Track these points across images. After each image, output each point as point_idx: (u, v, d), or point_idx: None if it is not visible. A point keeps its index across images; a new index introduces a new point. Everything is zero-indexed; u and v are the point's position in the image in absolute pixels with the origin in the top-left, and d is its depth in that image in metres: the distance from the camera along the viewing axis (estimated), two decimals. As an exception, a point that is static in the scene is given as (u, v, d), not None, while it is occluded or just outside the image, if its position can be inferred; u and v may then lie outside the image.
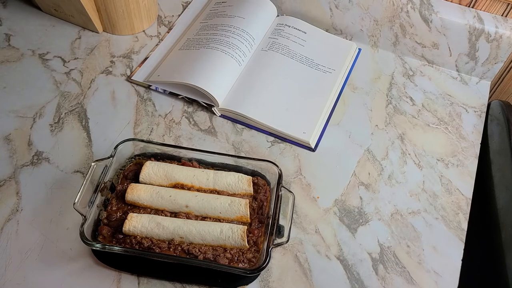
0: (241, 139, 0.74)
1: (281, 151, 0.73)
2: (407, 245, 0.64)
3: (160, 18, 0.90)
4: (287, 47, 0.84)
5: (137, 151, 0.65)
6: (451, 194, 0.70)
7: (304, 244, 0.63)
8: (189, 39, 0.84)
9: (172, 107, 0.77)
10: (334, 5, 0.86)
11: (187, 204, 0.60)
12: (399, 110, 0.80)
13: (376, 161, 0.73)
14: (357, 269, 0.62)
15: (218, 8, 0.90)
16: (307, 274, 0.61)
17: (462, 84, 0.86)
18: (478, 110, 0.82)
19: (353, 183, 0.70)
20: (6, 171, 0.66)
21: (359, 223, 0.66)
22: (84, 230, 0.54)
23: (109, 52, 0.83)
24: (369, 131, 0.77)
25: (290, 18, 0.89)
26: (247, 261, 0.57)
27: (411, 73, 0.86)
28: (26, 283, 0.57)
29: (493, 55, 0.82)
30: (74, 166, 0.67)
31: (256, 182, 0.63)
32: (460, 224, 0.67)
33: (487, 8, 0.81)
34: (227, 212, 0.60)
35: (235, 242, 0.57)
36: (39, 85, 0.77)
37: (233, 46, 0.80)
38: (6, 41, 0.82)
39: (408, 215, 0.67)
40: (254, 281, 0.59)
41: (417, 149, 0.75)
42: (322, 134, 0.75)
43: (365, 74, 0.85)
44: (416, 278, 0.61)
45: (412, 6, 0.82)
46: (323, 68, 0.83)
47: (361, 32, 0.88)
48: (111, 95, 0.77)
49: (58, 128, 0.72)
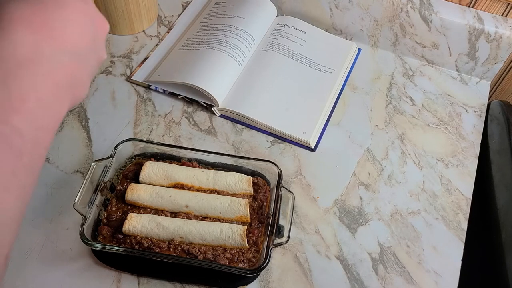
0: (241, 139, 0.74)
1: (281, 151, 0.73)
2: (407, 245, 0.64)
3: (160, 18, 0.90)
4: (287, 47, 0.84)
5: (137, 151, 0.65)
6: (451, 194, 0.70)
7: (304, 244, 0.63)
8: (189, 39, 0.84)
9: (172, 107, 0.77)
10: (334, 5, 0.86)
11: (187, 204, 0.60)
12: (399, 110, 0.80)
13: (376, 161, 0.73)
14: (357, 269, 0.62)
15: (218, 8, 0.90)
16: (307, 274, 0.61)
17: (462, 84, 0.86)
18: (478, 110, 0.82)
19: (353, 183, 0.70)
20: (6, 171, 0.66)
21: (359, 223, 0.66)
22: (84, 230, 0.54)
23: (109, 52, 0.83)
24: (369, 131, 0.77)
25: (290, 18, 0.89)
26: (247, 261, 0.57)
27: (411, 73, 0.86)
28: (26, 283, 0.57)
29: (493, 55, 0.82)
30: (74, 166, 0.67)
31: (256, 182, 0.63)
32: (460, 224, 0.67)
33: (487, 8, 0.81)
34: (227, 212, 0.60)
35: (235, 242, 0.57)
36: (39, 85, 0.77)
37: (233, 46, 0.80)
38: (6, 41, 0.82)
39: (408, 215, 0.67)
40: (254, 281, 0.59)
41: (417, 149, 0.75)
42: (322, 134, 0.75)
43: (365, 74, 0.85)
44: (416, 278, 0.61)
45: (412, 6, 0.82)
46: (323, 68, 0.83)
47: (361, 32, 0.88)
48: (111, 95, 0.77)
49: (58, 128, 0.72)
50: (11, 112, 0.25)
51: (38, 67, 0.27)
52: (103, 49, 0.35)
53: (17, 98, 0.25)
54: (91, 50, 0.33)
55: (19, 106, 0.25)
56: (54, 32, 0.29)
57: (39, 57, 0.27)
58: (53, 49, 0.28)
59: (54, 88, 0.28)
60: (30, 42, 0.27)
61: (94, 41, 0.33)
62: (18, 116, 0.25)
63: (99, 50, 0.35)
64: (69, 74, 0.29)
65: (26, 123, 0.25)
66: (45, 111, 0.27)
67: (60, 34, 0.29)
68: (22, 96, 0.25)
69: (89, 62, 0.33)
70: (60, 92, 0.29)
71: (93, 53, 0.33)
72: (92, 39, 0.33)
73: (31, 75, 0.26)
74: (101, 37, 0.35)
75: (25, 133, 0.25)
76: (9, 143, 0.24)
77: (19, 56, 0.26)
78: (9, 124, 0.24)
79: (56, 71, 0.28)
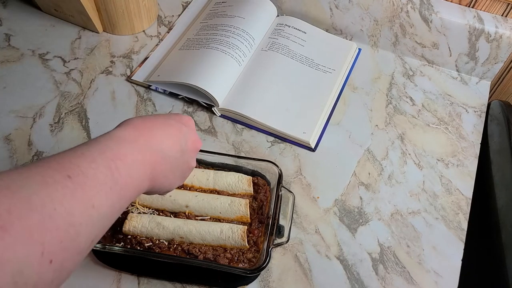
0: (241, 139, 0.74)
1: (281, 151, 0.73)
2: (407, 245, 0.64)
3: (160, 18, 0.90)
4: (287, 47, 0.84)
5: (137, 151, 0.65)
6: (451, 194, 0.70)
7: (304, 244, 0.63)
8: (189, 39, 0.84)
9: (172, 107, 0.77)
10: (334, 5, 0.86)
11: (187, 204, 0.60)
12: (399, 110, 0.80)
13: (376, 161, 0.73)
14: (357, 269, 0.62)
15: (218, 8, 0.90)
16: (307, 274, 0.61)
17: (462, 84, 0.86)
18: (478, 110, 0.82)
19: (353, 183, 0.70)
20: (6, 171, 0.66)
21: (359, 223, 0.66)
22: (84, 230, 0.54)
23: (109, 52, 0.83)
24: (369, 131, 0.77)
25: (290, 18, 0.89)
26: (247, 261, 0.57)
27: (411, 73, 0.86)
28: (26, 283, 0.57)
29: (493, 55, 0.82)
30: (74, 166, 0.67)
31: (256, 182, 0.63)
32: (460, 224, 0.67)
33: (487, 8, 0.81)
34: (227, 212, 0.60)
35: (235, 242, 0.57)
36: (39, 85, 0.77)
37: (233, 46, 0.80)
38: (6, 41, 0.82)
39: (408, 215, 0.67)
40: (254, 281, 0.59)
41: (417, 149, 0.75)
42: (322, 134, 0.75)
43: (365, 74, 0.85)
44: (416, 278, 0.62)
45: (412, 6, 0.82)
46: (323, 68, 0.83)
47: (361, 32, 0.88)
48: (111, 95, 0.77)
49: (58, 128, 0.72)
50: (116, 158, 0.36)
51: (134, 144, 0.39)
52: (193, 160, 0.48)
53: (119, 155, 0.37)
54: (179, 157, 0.44)
55: (120, 159, 0.37)
56: (152, 135, 0.41)
57: (135, 140, 0.40)
58: (147, 141, 0.40)
59: (141, 162, 0.39)
60: (132, 132, 0.40)
61: (182, 152, 0.45)
62: (118, 162, 0.36)
63: (188, 159, 0.47)
64: (152, 161, 0.40)
65: (124, 169, 0.36)
66: (132, 173, 0.38)
67: (156, 137, 0.42)
68: (120, 155, 0.37)
69: (173, 164, 0.44)
70: (145, 168, 0.39)
71: (181, 160, 0.45)
72: (181, 150, 0.45)
73: (129, 147, 0.38)
74: (191, 150, 0.47)
75: (120, 176, 0.36)
76: (112, 173, 0.35)
77: (121, 135, 0.39)
78: (114, 162, 0.36)
79: (144, 152, 0.40)
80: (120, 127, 0.41)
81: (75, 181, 0.32)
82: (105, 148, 0.37)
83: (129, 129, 0.41)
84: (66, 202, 0.30)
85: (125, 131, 0.40)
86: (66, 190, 0.31)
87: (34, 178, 0.31)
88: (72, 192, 0.31)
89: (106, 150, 0.36)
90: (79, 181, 0.32)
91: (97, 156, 0.35)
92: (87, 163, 0.34)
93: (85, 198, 0.32)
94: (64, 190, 0.31)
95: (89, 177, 0.33)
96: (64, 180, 0.31)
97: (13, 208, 0.28)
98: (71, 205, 0.31)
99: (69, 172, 0.32)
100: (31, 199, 0.29)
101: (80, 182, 0.32)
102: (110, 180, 0.35)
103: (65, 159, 0.34)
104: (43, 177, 0.31)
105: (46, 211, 0.29)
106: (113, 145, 0.38)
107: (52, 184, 0.31)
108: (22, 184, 0.29)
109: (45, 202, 0.29)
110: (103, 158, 0.35)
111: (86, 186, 0.32)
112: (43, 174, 0.31)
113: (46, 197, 0.30)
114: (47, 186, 0.30)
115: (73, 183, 0.32)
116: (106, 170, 0.35)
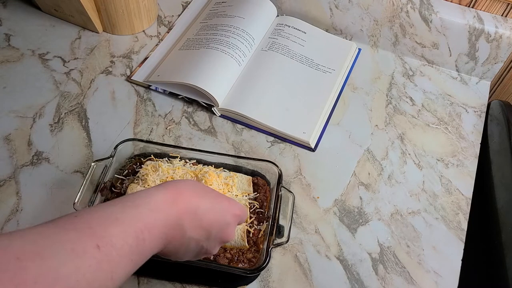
0: (241, 139, 0.74)
1: (281, 151, 0.73)
2: (407, 245, 0.64)
3: (160, 18, 0.90)
4: (287, 47, 0.84)
5: (137, 151, 0.65)
6: (451, 194, 0.70)
7: (304, 244, 0.63)
8: (189, 39, 0.84)
9: (172, 107, 0.77)
10: (334, 5, 0.86)
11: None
12: (399, 110, 0.80)
13: (376, 161, 0.73)
14: (357, 269, 0.62)
15: (218, 8, 0.90)
16: (307, 274, 0.61)
17: (462, 84, 0.86)
18: (478, 110, 0.82)
19: (353, 183, 0.70)
20: (6, 171, 0.66)
21: (359, 223, 0.66)
22: (84, 230, 0.54)
23: (109, 52, 0.83)
24: (369, 131, 0.77)
25: (290, 18, 0.89)
26: (247, 261, 0.57)
27: (411, 73, 0.86)
28: (26, 283, 0.57)
29: (493, 55, 0.82)
30: (74, 166, 0.67)
31: (256, 182, 0.63)
32: (460, 224, 0.67)
33: (487, 8, 0.81)
34: (227, 212, 0.60)
35: (235, 242, 0.57)
36: (39, 85, 0.77)
37: (233, 46, 0.80)
38: (6, 41, 0.82)
39: (408, 215, 0.67)
40: (254, 281, 0.59)
41: (417, 149, 0.75)
42: (322, 134, 0.75)
43: (365, 74, 0.85)
44: (416, 278, 0.62)
45: (412, 6, 0.82)
46: (323, 68, 0.83)
47: (361, 32, 0.88)
48: (111, 95, 0.77)
49: (58, 128, 0.72)
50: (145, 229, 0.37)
51: (167, 216, 0.40)
52: (215, 249, 0.47)
53: (148, 225, 0.38)
54: (203, 240, 0.44)
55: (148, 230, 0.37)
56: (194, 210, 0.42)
57: (169, 210, 0.40)
58: (178, 215, 0.41)
59: (164, 236, 0.39)
60: (170, 196, 0.41)
61: (221, 229, 0.45)
62: (146, 233, 0.37)
63: (210, 247, 0.46)
64: (173, 234, 0.40)
65: (148, 241, 0.37)
66: (153, 245, 0.38)
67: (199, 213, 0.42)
68: (149, 226, 0.38)
69: (191, 245, 0.43)
70: (164, 241, 0.40)
71: (202, 244, 0.44)
72: (220, 228, 0.45)
73: (162, 217, 0.39)
74: (219, 241, 0.46)
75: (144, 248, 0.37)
76: (137, 244, 0.36)
77: (159, 200, 0.40)
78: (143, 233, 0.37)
79: (170, 227, 0.40)
80: (164, 188, 0.41)
81: (103, 252, 0.33)
82: (139, 217, 0.37)
83: (169, 194, 0.41)
84: (89, 274, 0.31)
85: (164, 195, 0.41)
86: (92, 261, 0.32)
87: (65, 246, 0.32)
88: (98, 263, 0.32)
89: (140, 219, 0.37)
90: (106, 251, 0.33)
91: (129, 226, 0.36)
92: (118, 231, 0.35)
93: (107, 271, 0.33)
94: (91, 261, 0.32)
95: (117, 248, 0.34)
96: (93, 250, 0.32)
97: (40, 279, 0.29)
98: (93, 277, 0.32)
99: (99, 242, 0.33)
100: (59, 271, 0.30)
101: (107, 253, 0.33)
102: (134, 252, 0.36)
103: (100, 222, 0.35)
104: (73, 245, 0.32)
105: (70, 282, 0.30)
106: (147, 213, 0.38)
107: (81, 255, 0.32)
108: (53, 253, 0.31)
109: (70, 274, 0.30)
110: (135, 228, 0.36)
111: (111, 257, 0.33)
112: (74, 241, 0.32)
113: (73, 269, 0.31)
114: (76, 257, 0.31)
115: (101, 254, 0.33)
116: (133, 241, 0.36)
